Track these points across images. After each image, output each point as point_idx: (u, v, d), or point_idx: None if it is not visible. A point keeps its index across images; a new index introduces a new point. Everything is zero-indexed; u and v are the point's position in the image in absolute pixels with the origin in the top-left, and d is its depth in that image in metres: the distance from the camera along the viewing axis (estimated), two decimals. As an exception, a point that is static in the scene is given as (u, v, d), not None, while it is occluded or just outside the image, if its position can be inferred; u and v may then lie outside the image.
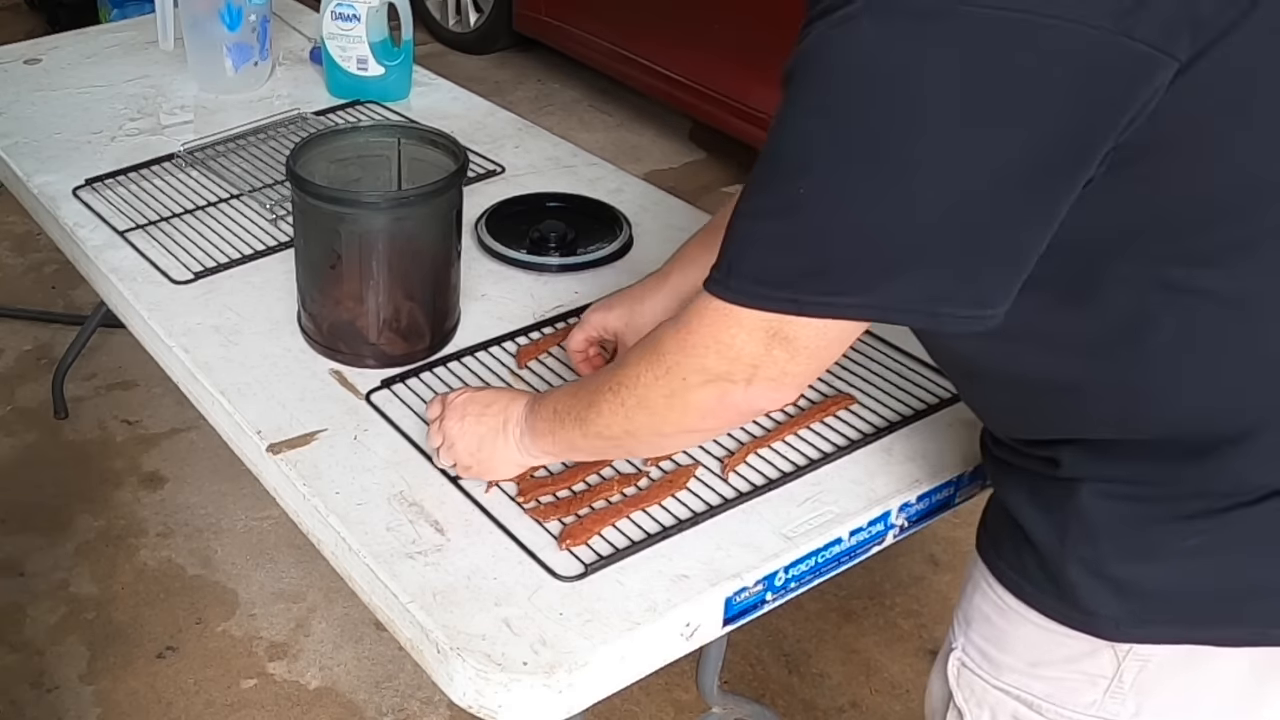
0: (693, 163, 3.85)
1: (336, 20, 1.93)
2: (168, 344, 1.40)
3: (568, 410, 1.06)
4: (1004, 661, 1.04)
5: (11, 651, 2.12)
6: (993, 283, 0.83)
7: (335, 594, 2.23)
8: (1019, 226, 0.81)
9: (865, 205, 0.80)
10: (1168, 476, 0.91)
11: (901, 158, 0.78)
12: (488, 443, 1.14)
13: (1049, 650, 0.99)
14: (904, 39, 0.76)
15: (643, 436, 1.01)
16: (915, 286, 0.82)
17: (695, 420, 0.97)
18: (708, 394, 0.93)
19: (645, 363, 0.96)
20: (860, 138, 0.79)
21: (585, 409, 1.03)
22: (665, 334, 0.95)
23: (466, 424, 1.15)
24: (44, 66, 2.11)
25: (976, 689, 1.07)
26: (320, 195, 1.29)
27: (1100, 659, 0.97)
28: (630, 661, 1.05)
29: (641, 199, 1.72)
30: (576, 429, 1.05)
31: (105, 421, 2.67)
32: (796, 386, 0.92)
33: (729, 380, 0.91)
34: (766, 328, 0.87)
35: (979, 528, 1.07)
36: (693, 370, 0.92)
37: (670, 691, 2.05)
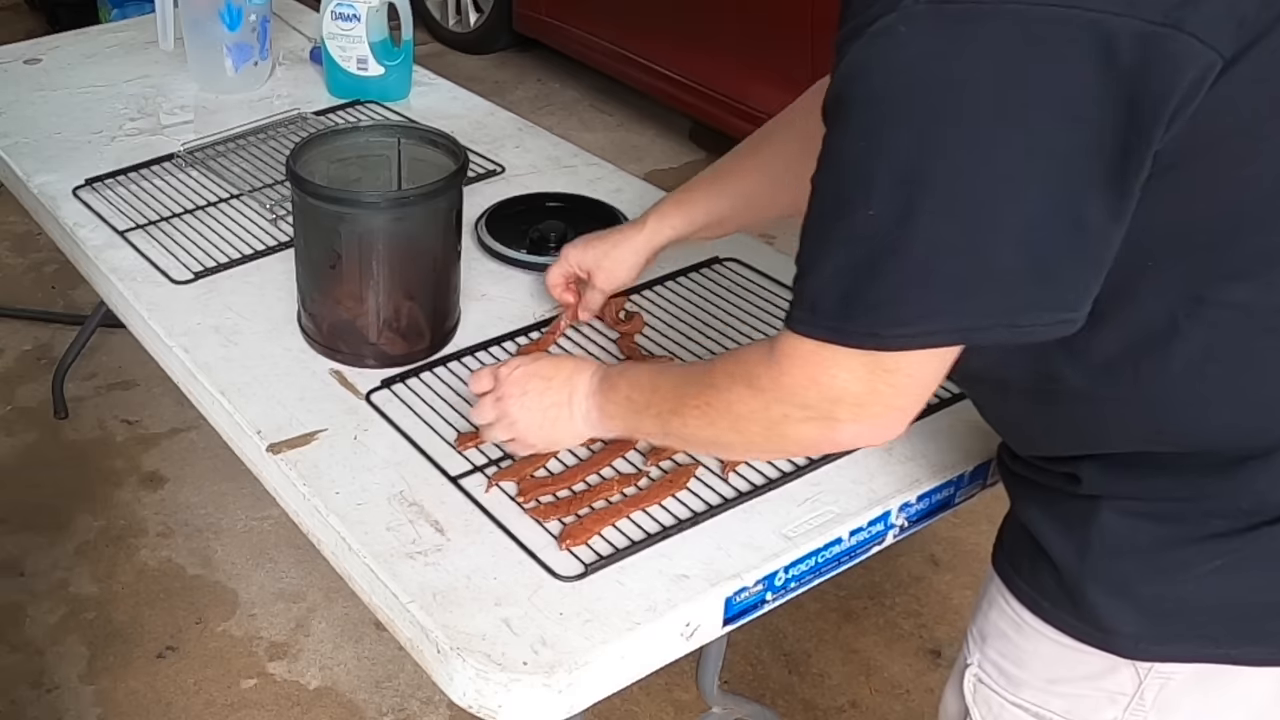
0: (693, 163, 3.85)
1: (336, 20, 1.93)
2: (168, 344, 1.40)
3: (646, 404, 1.05)
4: (1021, 678, 1.03)
5: (11, 651, 2.12)
6: (1070, 284, 0.81)
7: (335, 594, 2.23)
8: (1090, 225, 0.78)
9: (939, 221, 0.78)
10: (1190, 494, 0.90)
11: (960, 168, 0.76)
12: (551, 417, 1.13)
13: (1068, 667, 0.99)
14: (948, 44, 0.74)
15: (732, 449, 1.06)
16: (992, 302, 0.80)
17: (794, 449, 1.02)
18: (810, 431, 0.92)
19: (740, 390, 0.95)
20: (920, 152, 0.77)
21: (669, 414, 1.03)
22: (759, 367, 0.93)
23: (529, 399, 1.13)
24: (44, 66, 2.11)
25: (994, 705, 1.06)
26: (320, 195, 1.29)
27: (1120, 676, 0.96)
28: (630, 661, 1.05)
29: (641, 199, 1.72)
30: (655, 425, 1.05)
31: (105, 421, 2.67)
32: (903, 420, 0.90)
33: (833, 419, 0.90)
34: (866, 362, 0.85)
35: (995, 544, 1.06)
36: (795, 406, 0.91)
37: (670, 691, 2.05)
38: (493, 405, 1.16)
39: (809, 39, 3.23)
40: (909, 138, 0.77)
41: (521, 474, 1.19)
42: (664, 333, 1.43)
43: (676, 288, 1.52)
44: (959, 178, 0.77)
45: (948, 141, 0.76)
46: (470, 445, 1.23)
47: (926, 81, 0.76)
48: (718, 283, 1.53)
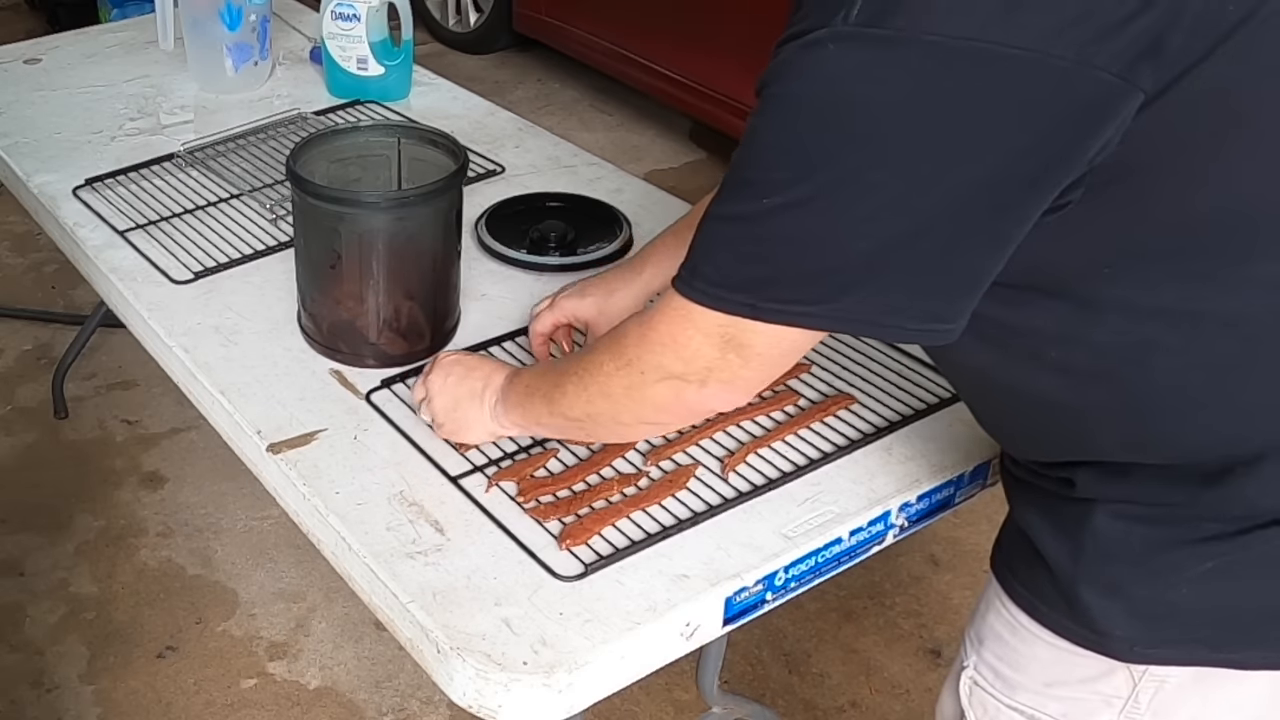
0: (693, 163, 3.85)
1: (336, 20, 1.93)
2: (168, 344, 1.40)
3: (537, 387, 1.10)
4: (1018, 681, 1.03)
5: (11, 651, 2.12)
6: (945, 301, 0.84)
7: (335, 594, 2.23)
8: (972, 250, 0.82)
9: (823, 222, 0.82)
10: (1182, 499, 0.90)
11: (859, 181, 0.79)
12: (463, 404, 1.18)
13: (1064, 670, 0.99)
14: (867, 66, 0.77)
15: (602, 422, 1.05)
16: (868, 301, 0.84)
17: (651, 414, 1.00)
18: (663, 390, 0.96)
19: (609, 353, 1.00)
20: (821, 158, 0.80)
21: (552, 389, 1.07)
22: (630, 327, 0.98)
23: (449, 383, 1.19)
24: (44, 66, 2.11)
25: (989, 708, 1.06)
26: (320, 195, 1.29)
27: (1116, 680, 0.96)
28: (630, 661, 1.05)
29: (641, 199, 1.72)
30: (544, 406, 1.09)
31: (105, 421, 2.67)
32: (748, 391, 0.95)
33: (683, 380, 0.94)
34: (722, 333, 0.90)
35: (994, 547, 1.07)
36: (651, 366, 0.95)
37: (670, 691, 2.05)
38: (422, 385, 1.22)
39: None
40: (812, 140, 0.80)
41: (521, 474, 1.19)
42: (664, 333, 1.43)
43: (676, 288, 1.51)
44: (858, 190, 0.80)
45: (849, 154, 0.79)
46: (470, 445, 1.23)
47: (835, 97, 0.79)
48: (718, 283, 1.52)
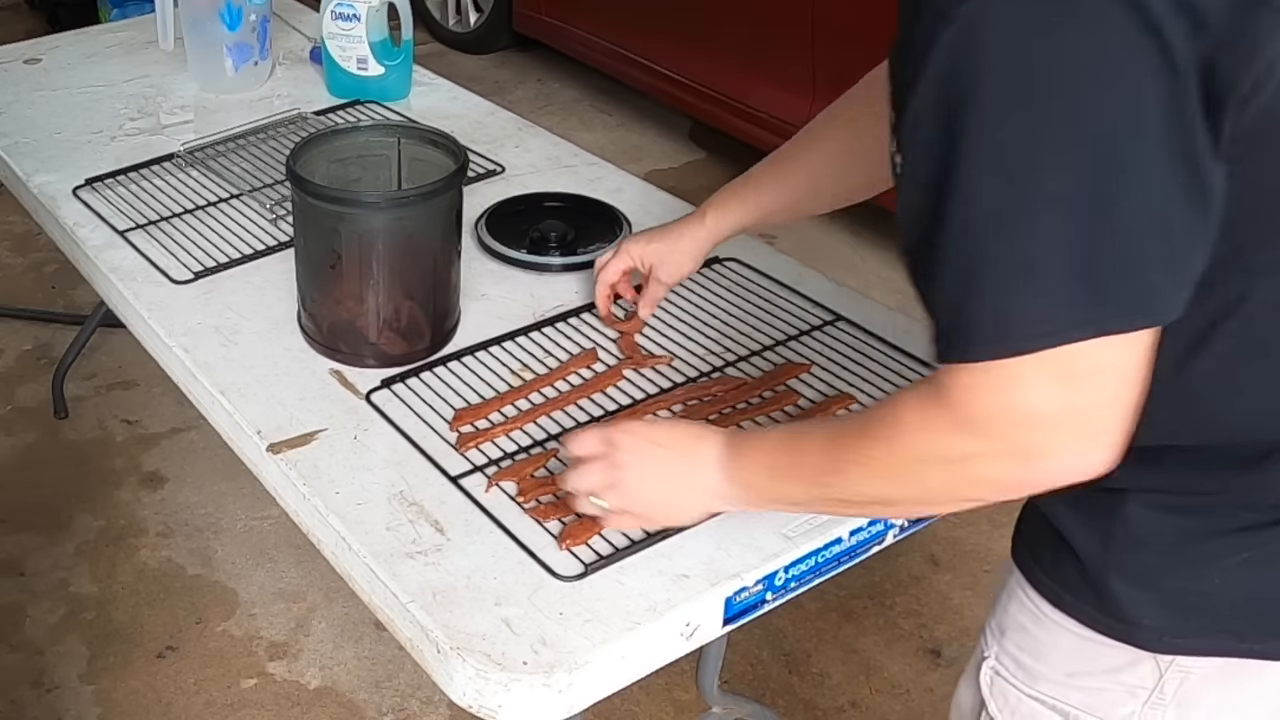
0: (693, 163, 3.85)
1: (336, 20, 1.93)
2: (168, 344, 1.40)
3: (792, 468, 0.97)
4: (1040, 671, 1.02)
5: (11, 651, 2.12)
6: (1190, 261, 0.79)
7: (335, 594, 2.23)
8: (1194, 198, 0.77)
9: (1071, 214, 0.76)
10: (1217, 487, 0.89)
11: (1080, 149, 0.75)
12: (676, 488, 1.05)
13: (1088, 661, 0.98)
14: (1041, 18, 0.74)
15: (905, 506, 0.96)
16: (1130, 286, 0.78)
17: (984, 494, 0.88)
18: (1003, 469, 0.84)
19: (911, 436, 0.87)
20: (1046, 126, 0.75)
21: (825, 473, 0.94)
22: (929, 410, 0.85)
23: (647, 468, 1.05)
24: (44, 66, 2.11)
25: (1010, 698, 1.05)
26: (320, 195, 1.29)
27: (1141, 670, 0.95)
28: (630, 661, 1.05)
29: (641, 199, 1.72)
30: (807, 489, 0.97)
31: (105, 421, 2.67)
32: (1108, 444, 0.82)
33: (1028, 451, 0.82)
34: (1054, 371, 0.79)
35: (1014, 536, 1.06)
36: (983, 442, 0.83)
37: (670, 691, 2.05)
38: (604, 471, 1.06)
39: (809, 39, 3.23)
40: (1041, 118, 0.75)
41: (521, 474, 1.19)
42: (664, 333, 1.43)
43: (677, 287, 1.51)
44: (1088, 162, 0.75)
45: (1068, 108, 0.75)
46: (470, 445, 1.23)
47: (1033, 59, 0.75)
48: (718, 283, 1.53)
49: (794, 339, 1.42)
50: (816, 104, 3.27)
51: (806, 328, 1.44)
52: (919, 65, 0.80)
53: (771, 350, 1.40)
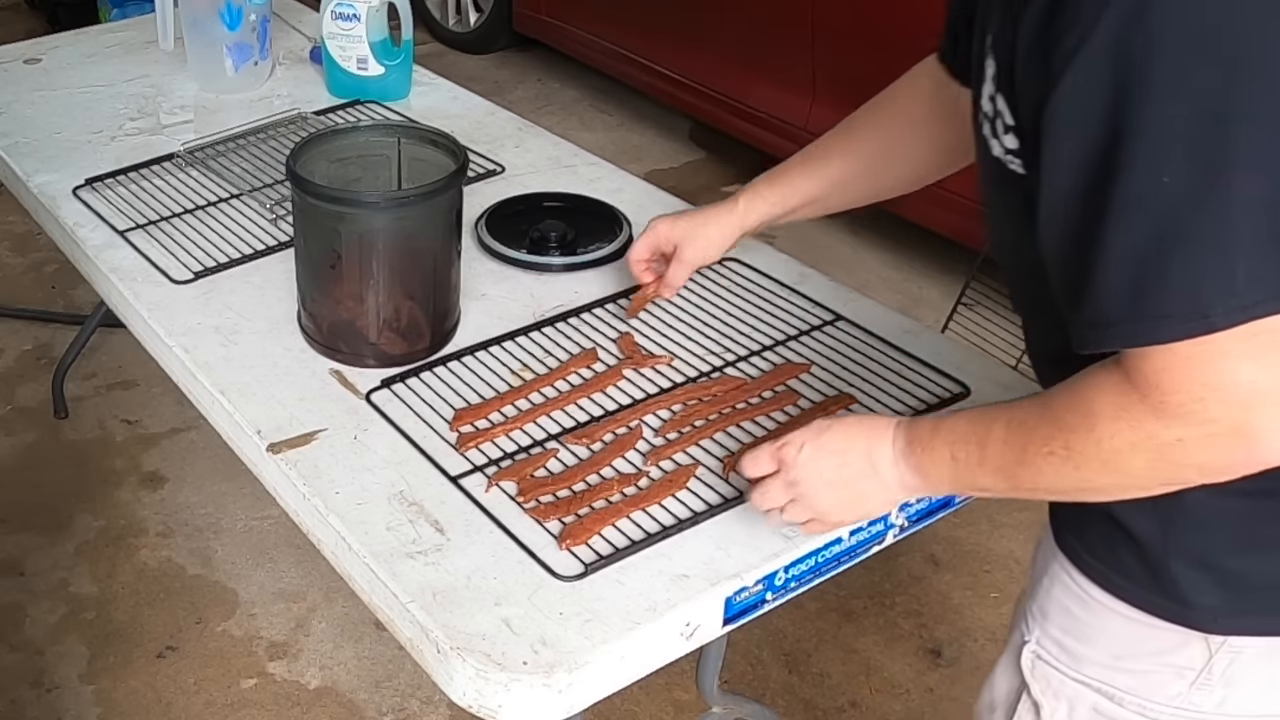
0: (693, 163, 3.85)
1: (336, 20, 1.93)
2: (168, 344, 1.40)
3: (980, 461, 0.95)
4: (1085, 654, 1.03)
5: (11, 651, 2.12)
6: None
7: (335, 594, 2.23)
8: None
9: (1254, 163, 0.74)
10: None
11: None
12: (858, 491, 1.04)
13: (1136, 643, 0.99)
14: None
15: (1106, 493, 0.91)
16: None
17: (1195, 477, 0.85)
18: (1217, 452, 0.81)
19: (1108, 425, 0.84)
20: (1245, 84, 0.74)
21: (1014, 465, 0.92)
22: (1126, 396, 0.83)
23: (826, 476, 1.04)
24: (44, 66, 2.11)
25: (1054, 682, 1.05)
26: (320, 195, 1.29)
27: (1190, 651, 0.96)
28: (630, 661, 1.05)
29: (641, 199, 1.72)
30: (996, 480, 0.95)
31: (105, 421, 2.67)
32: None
33: (1246, 429, 0.79)
34: (1262, 344, 0.76)
35: (1053, 521, 1.06)
36: (1193, 425, 0.80)
37: (670, 691, 2.05)
38: (784, 489, 1.06)
39: (809, 39, 3.23)
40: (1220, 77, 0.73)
41: (521, 474, 1.19)
42: (664, 333, 1.43)
43: (676, 288, 1.52)
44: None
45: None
46: (470, 445, 1.23)
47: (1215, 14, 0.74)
48: (718, 283, 1.53)
49: (794, 339, 1.42)
50: (816, 104, 3.28)
51: (806, 328, 1.44)
52: (1078, 44, 0.77)
53: (771, 350, 1.40)
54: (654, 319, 1.45)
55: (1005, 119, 0.90)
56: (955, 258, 3.07)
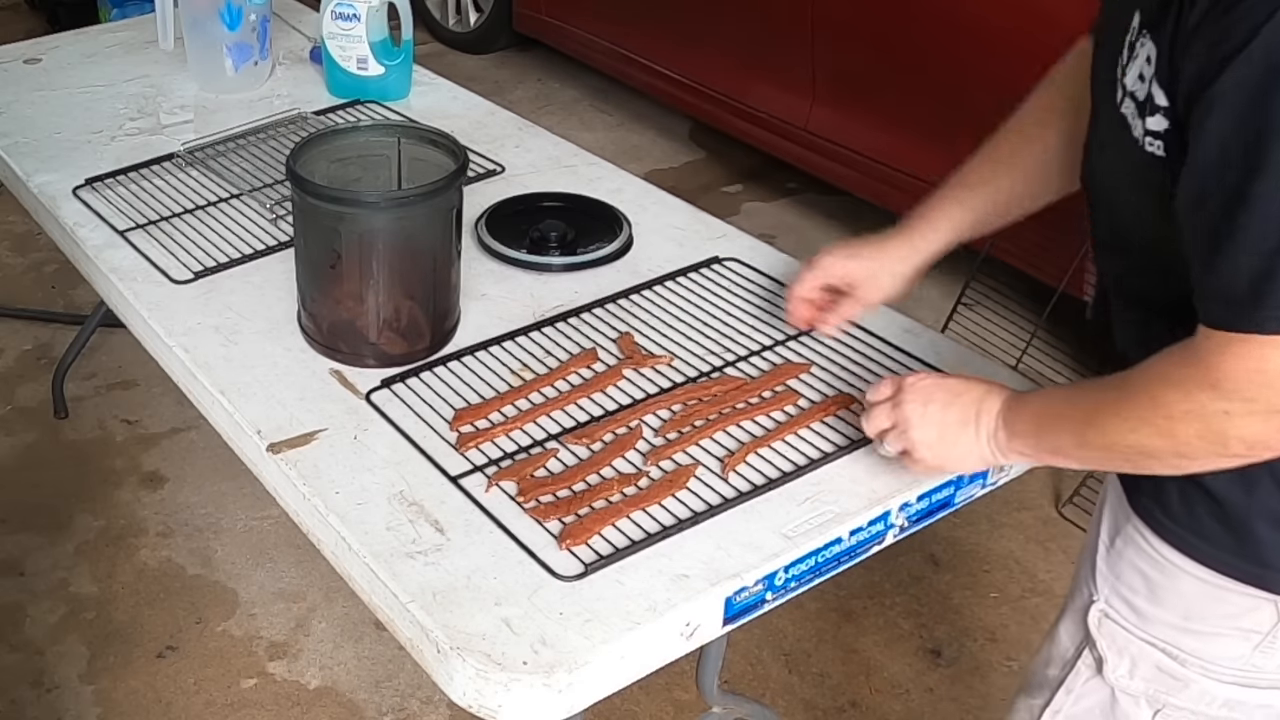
0: (693, 163, 3.85)
1: (336, 20, 1.93)
2: (168, 344, 1.40)
3: (1058, 418, 1.02)
4: (1155, 615, 1.04)
5: (11, 651, 2.12)
6: None
7: (335, 594, 2.23)
8: None
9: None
10: None
11: None
12: (951, 432, 1.09)
13: (1208, 605, 1.01)
14: None
15: (1160, 456, 0.95)
16: None
17: (1236, 449, 0.91)
18: (1256, 426, 0.88)
19: (1169, 392, 0.91)
20: None
21: (1084, 424, 0.99)
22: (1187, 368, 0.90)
23: (930, 411, 1.10)
24: (44, 66, 2.11)
25: (1119, 639, 1.08)
26: (320, 195, 1.29)
27: (1260, 615, 0.98)
28: (630, 661, 1.05)
29: (641, 199, 1.72)
30: (1068, 439, 1.01)
31: (105, 421, 2.67)
32: None
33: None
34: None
35: (1123, 485, 1.07)
36: (1239, 401, 0.88)
37: (670, 691, 2.05)
38: (888, 412, 1.11)
39: (809, 39, 3.23)
40: None
41: (521, 474, 1.19)
42: (664, 332, 1.43)
43: (676, 288, 1.52)
44: None
45: None
46: (470, 445, 1.23)
47: None
48: (718, 283, 1.53)
49: (794, 339, 1.42)
50: (816, 104, 3.28)
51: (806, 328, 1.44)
52: (1246, 39, 0.81)
53: (771, 350, 1.40)
54: (654, 319, 1.45)
55: (1158, 100, 0.91)
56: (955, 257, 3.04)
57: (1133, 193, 0.99)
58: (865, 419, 1.16)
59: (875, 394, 1.15)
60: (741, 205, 3.61)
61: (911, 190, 3.13)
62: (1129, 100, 0.94)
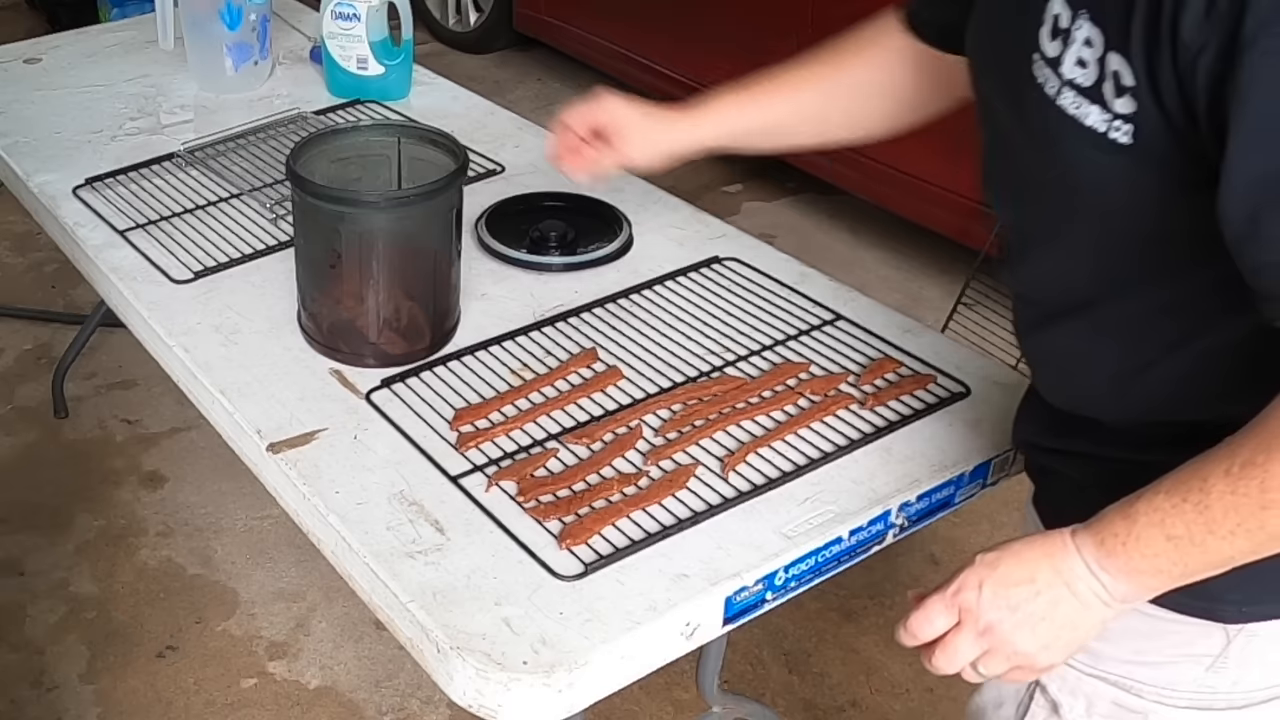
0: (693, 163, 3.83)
1: (336, 19, 1.93)
2: (168, 343, 1.40)
3: (1207, 531, 0.85)
4: (1105, 651, 1.02)
5: (11, 651, 2.12)
6: None
7: (335, 593, 2.23)
8: None
9: None
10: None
11: None
12: (1058, 625, 0.92)
13: (1158, 638, 0.99)
14: None
15: None
16: None
17: None
18: None
19: None
20: None
21: (1259, 513, 0.83)
22: None
23: (1024, 617, 0.92)
24: (44, 66, 2.11)
25: (1069, 679, 1.05)
26: (320, 195, 1.29)
27: (1211, 640, 0.97)
28: (630, 661, 1.05)
29: (641, 199, 1.72)
30: (1241, 544, 0.85)
31: (105, 421, 2.67)
32: None
33: None
34: None
35: (1045, 524, 1.05)
36: None
37: (670, 691, 2.05)
38: (974, 642, 0.94)
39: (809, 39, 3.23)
40: None
41: (521, 474, 1.19)
42: (664, 332, 1.43)
43: (676, 287, 1.52)
44: None
45: None
46: (470, 445, 1.23)
47: None
48: (718, 283, 1.53)
49: (794, 339, 1.42)
50: (816, 104, 3.28)
51: (806, 327, 1.44)
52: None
53: (771, 350, 1.40)
54: (654, 319, 1.45)
55: (1123, 80, 0.84)
56: (955, 258, 3.06)
57: (1079, 196, 0.94)
58: (940, 657, 0.95)
59: (928, 628, 0.95)
60: (741, 205, 3.61)
61: (912, 190, 3.13)
62: (1069, 90, 0.88)
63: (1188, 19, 0.79)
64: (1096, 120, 0.87)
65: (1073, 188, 0.93)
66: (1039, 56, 0.90)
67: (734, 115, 1.29)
